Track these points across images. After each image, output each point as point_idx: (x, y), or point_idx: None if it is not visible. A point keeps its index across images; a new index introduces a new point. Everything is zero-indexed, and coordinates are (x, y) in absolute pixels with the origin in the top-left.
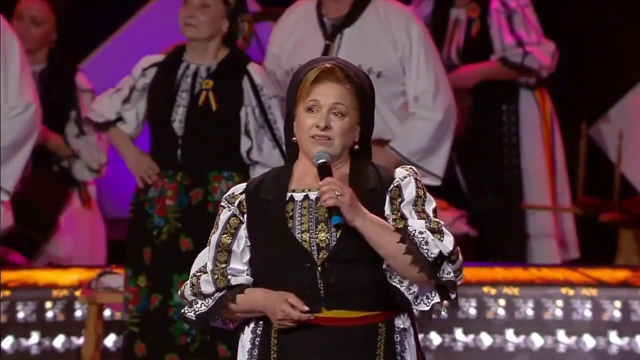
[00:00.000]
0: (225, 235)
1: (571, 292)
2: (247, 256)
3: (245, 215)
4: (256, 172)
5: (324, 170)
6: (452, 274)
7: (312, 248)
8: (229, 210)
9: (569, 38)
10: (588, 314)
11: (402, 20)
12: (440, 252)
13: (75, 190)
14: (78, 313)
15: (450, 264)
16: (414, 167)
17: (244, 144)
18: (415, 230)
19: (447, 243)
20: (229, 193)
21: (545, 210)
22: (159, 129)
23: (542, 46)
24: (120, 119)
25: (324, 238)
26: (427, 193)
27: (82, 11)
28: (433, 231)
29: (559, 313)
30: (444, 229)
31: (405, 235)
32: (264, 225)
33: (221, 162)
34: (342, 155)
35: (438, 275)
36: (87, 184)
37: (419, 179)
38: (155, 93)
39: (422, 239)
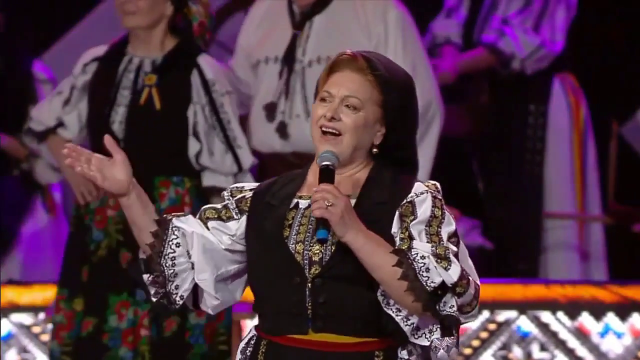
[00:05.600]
0: (211, 210)
1: (601, 312)
2: (211, 239)
3: (245, 215)
4: (206, 179)
5: (325, 175)
6: (455, 309)
7: (305, 262)
8: (226, 202)
9: (598, 30)
10: (620, 338)
11: (379, 5)
12: (443, 282)
13: (38, 197)
14: (43, 337)
15: (456, 297)
16: (437, 184)
17: (192, 146)
18: (417, 254)
19: (453, 273)
20: (237, 185)
21: (570, 220)
22: (97, 131)
23: (526, 36)
24: (60, 124)
25: (318, 251)
26: (446, 214)
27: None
28: (438, 257)
29: (586, 337)
30: (451, 256)
31: (403, 258)
32: (261, 232)
33: (169, 166)
34: (355, 158)
35: (437, 308)
36: (51, 188)
37: (439, 197)
38: (96, 91)
39: (422, 264)
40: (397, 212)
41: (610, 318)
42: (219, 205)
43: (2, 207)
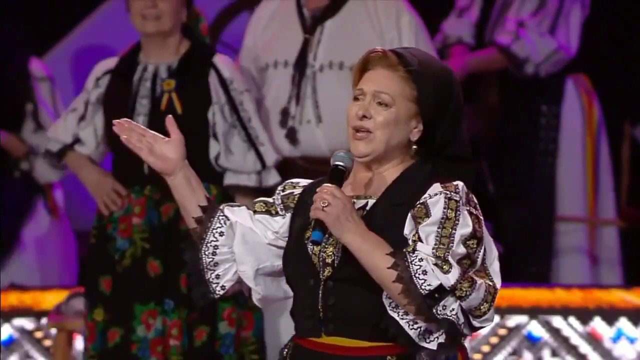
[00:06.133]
0: (260, 203)
1: (613, 317)
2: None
3: (291, 213)
4: (227, 178)
5: (333, 175)
6: (455, 312)
7: (320, 263)
8: (274, 196)
9: (611, 30)
10: (633, 343)
11: (392, 10)
12: (441, 284)
13: (39, 198)
14: (46, 342)
15: (458, 301)
16: (459, 185)
17: (213, 148)
18: (416, 256)
19: (452, 276)
20: (293, 180)
21: (582, 223)
22: (119, 143)
23: (541, 40)
24: (77, 140)
25: (331, 253)
26: (461, 215)
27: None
28: (438, 259)
29: (599, 342)
30: (450, 258)
31: (400, 260)
32: (292, 231)
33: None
34: (390, 155)
35: (435, 311)
36: (53, 189)
37: (454, 198)
38: (112, 103)
39: (419, 267)
40: (409, 214)
41: (623, 323)
42: (270, 199)
43: (3, 209)
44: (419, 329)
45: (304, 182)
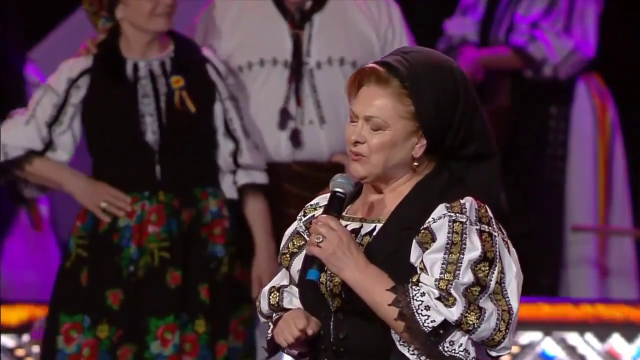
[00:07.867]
0: (284, 255)
1: (633, 334)
2: None
3: None
4: (241, 180)
5: (331, 203)
6: (463, 347)
7: (328, 293)
8: (296, 225)
9: (627, 25)
10: None
11: (381, 1)
12: (445, 320)
13: (23, 210)
14: None
15: (467, 334)
16: (467, 202)
17: (225, 146)
18: (418, 290)
19: (456, 310)
20: (312, 202)
21: (597, 233)
22: (124, 145)
23: (557, 39)
24: (48, 147)
25: (338, 283)
26: (467, 239)
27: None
28: (441, 291)
29: None
30: (452, 291)
31: (401, 296)
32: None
33: (204, 175)
34: (394, 174)
35: (441, 348)
36: (38, 202)
37: (459, 220)
38: (101, 105)
39: (420, 302)
40: (414, 240)
41: None
42: (287, 244)
43: None
44: None
45: (324, 199)
